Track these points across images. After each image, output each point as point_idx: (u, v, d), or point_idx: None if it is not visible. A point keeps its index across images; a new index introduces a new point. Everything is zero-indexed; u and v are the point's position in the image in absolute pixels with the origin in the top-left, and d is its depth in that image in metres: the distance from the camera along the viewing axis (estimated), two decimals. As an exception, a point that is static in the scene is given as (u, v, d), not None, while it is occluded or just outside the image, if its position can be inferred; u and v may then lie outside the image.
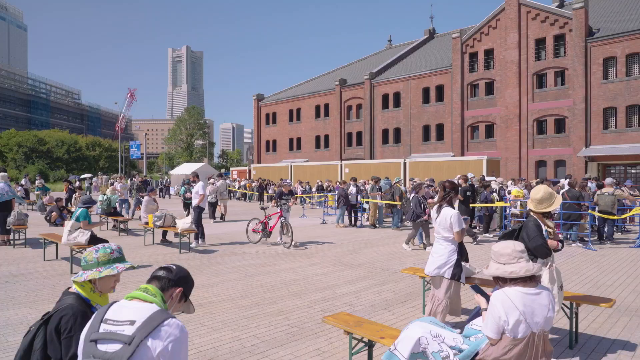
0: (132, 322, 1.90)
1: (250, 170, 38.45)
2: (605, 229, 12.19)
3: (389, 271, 8.24)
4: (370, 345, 3.93)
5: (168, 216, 10.89)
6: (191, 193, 18.38)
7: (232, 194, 34.46)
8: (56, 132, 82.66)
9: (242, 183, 33.82)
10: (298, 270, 8.30)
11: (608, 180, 12.97)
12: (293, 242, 10.89)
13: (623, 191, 13.92)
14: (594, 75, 27.31)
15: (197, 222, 10.90)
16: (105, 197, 14.32)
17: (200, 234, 10.99)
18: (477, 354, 2.80)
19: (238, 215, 20.05)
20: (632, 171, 26.88)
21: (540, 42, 29.78)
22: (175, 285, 2.22)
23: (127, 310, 1.96)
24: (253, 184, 31.26)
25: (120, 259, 2.56)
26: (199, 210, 11.09)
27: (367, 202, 16.71)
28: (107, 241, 6.94)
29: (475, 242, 11.66)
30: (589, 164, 27.51)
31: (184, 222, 10.18)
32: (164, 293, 2.17)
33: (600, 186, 13.18)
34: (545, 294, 2.73)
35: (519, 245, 2.83)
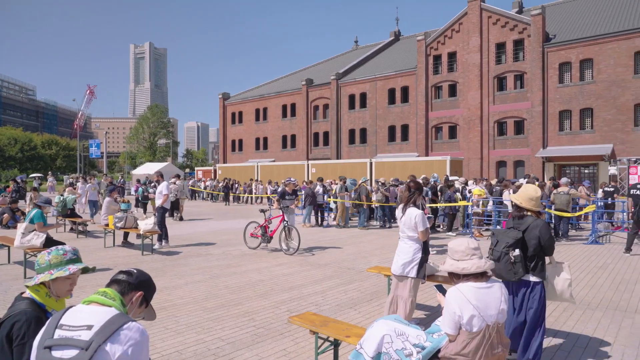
0: (89, 327, 1.83)
1: (215, 170, 37.89)
2: (561, 227, 12.73)
3: (355, 270, 8.31)
4: (336, 344, 3.95)
5: (130, 217, 10.58)
6: (148, 193, 18.03)
7: (197, 194, 33.90)
8: (8, 130, 78.66)
9: (208, 183, 33.30)
10: (264, 270, 8.25)
11: (563, 180, 13.55)
12: (298, 249, 9.93)
13: (579, 190, 14.58)
14: (551, 79, 28.46)
15: (161, 223, 10.64)
16: (61, 197, 13.76)
17: (163, 235, 10.74)
18: (439, 350, 2.86)
19: (201, 216, 19.72)
20: (586, 171, 28.18)
21: (500, 47, 30.77)
22: (135, 289, 2.16)
23: (84, 315, 1.89)
24: (220, 184, 30.82)
25: (74, 260, 2.46)
26: (163, 211, 10.83)
27: (335, 202, 16.79)
28: (64, 244, 6.68)
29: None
30: (546, 164, 28.65)
31: (147, 223, 9.92)
32: (124, 297, 2.10)
33: (556, 186, 13.75)
34: (497, 287, 2.84)
35: (472, 243, 2.93)
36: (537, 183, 14.25)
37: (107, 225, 11.03)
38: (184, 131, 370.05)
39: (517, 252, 3.83)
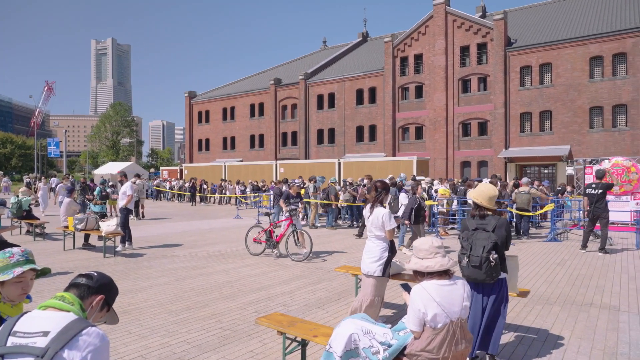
0: (45, 333, 1.75)
1: (181, 170, 37.17)
2: (522, 225, 13.18)
3: (322, 270, 8.32)
4: (303, 344, 3.94)
5: (91, 219, 10.23)
6: (106, 193, 17.51)
7: (162, 195, 33.16)
8: (-41, 127, 74.62)
9: (174, 183, 32.62)
10: (231, 272, 8.14)
11: (524, 179, 14.03)
12: (310, 254, 9.21)
13: (538, 190, 15.14)
14: (512, 82, 29.42)
15: (124, 224, 10.34)
16: (17, 198, 13.15)
17: (127, 236, 10.43)
18: (405, 347, 2.90)
19: (167, 217, 19.31)
20: (545, 171, 29.28)
21: (465, 50, 31.56)
22: (96, 292, 2.08)
23: (40, 321, 1.80)
24: (186, 185, 30.25)
25: (24, 263, 2.34)
26: (126, 211, 10.53)
27: (307, 202, 16.76)
28: (18, 246, 6.39)
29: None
30: (508, 164, 29.59)
31: (109, 224, 9.61)
32: (84, 301, 2.02)
33: (517, 185, 14.21)
34: (460, 284, 2.92)
35: (436, 242, 2.99)
36: (499, 183, 14.69)
37: (66, 227, 10.61)
38: (149, 130, 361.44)
39: (495, 254, 3.87)
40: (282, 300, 6.29)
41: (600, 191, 10.28)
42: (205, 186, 29.56)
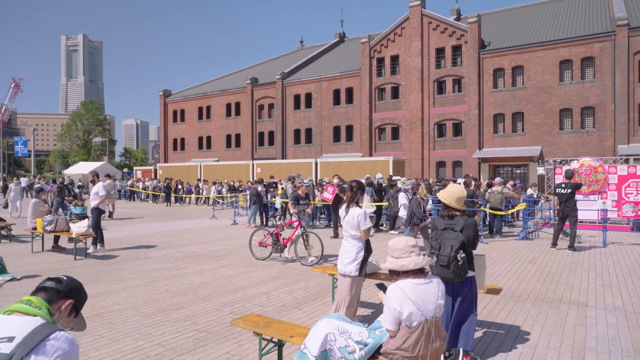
0: (10, 339, 1.69)
1: (156, 170, 36.53)
2: (495, 224, 13.46)
3: (300, 270, 8.31)
4: (280, 345, 3.92)
5: (60, 220, 9.94)
6: (74, 193, 17.09)
7: (136, 195, 32.52)
8: None
9: (147, 183, 32.04)
10: (207, 273, 8.05)
11: (497, 179, 14.33)
12: (321, 259, 8.86)
13: (509, 189, 15.48)
14: (486, 84, 30.02)
15: (96, 225, 10.08)
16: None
17: (98, 238, 10.18)
18: (381, 346, 2.92)
19: (141, 217, 18.95)
20: (517, 171, 29.99)
21: (440, 51, 32.03)
22: (64, 297, 2.02)
23: (5, 326, 1.74)
24: (160, 184, 29.74)
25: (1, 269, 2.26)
26: (98, 212, 10.27)
27: (286, 202, 16.71)
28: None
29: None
30: (482, 164, 30.18)
31: (79, 226, 9.36)
32: (52, 306, 1.96)
33: (490, 185, 14.51)
34: (434, 283, 2.96)
35: (410, 241, 3.03)
36: (474, 183, 14.96)
37: (34, 228, 10.28)
38: (122, 129, 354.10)
39: (462, 254, 3.95)
40: (258, 301, 6.25)
41: (569, 191, 10.59)
42: (180, 186, 29.14)
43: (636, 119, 25.73)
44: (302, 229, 9.16)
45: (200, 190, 28.09)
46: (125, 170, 51.30)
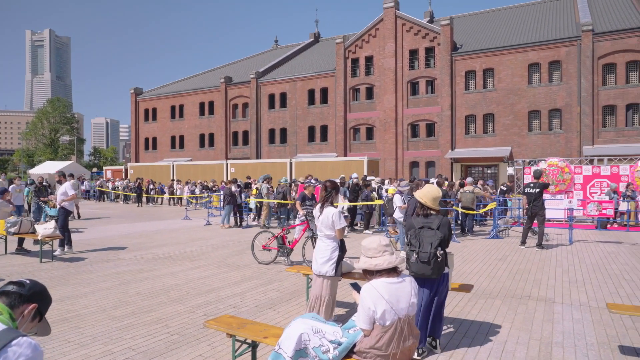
0: (-31, 346, 1.62)
1: (127, 170, 35.73)
2: (467, 223, 13.72)
3: (274, 270, 8.27)
4: (254, 346, 3.89)
5: (25, 221, 9.59)
6: (38, 193, 16.52)
7: (105, 195, 31.73)
8: None
9: (117, 183, 31.28)
10: (179, 274, 7.91)
11: (468, 179, 14.61)
12: None
13: (481, 189, 15.82)
14: (458, 85, 30.59)
15: (63, 226, 9.78)
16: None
17: (66, 239, 9.88)
18: (355, 345, 2.93)
19: (111, 218, 18.50)
20: (488, 171, 30.68)
21: (413, 53, 32.45)
22: (28, 301, 1.95)
23: (-36, 333, 1.66)
24: (131, 184, 29.09)
25: None
26: (65, 213, 9.96)
27: (260, 203, 16.62)
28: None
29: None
30: (454, 164, 30.73)
31: (46, 227, 9.05)
32: (14, 311, 1.89)
33: (462, 185, 14.79)
34: (407, 282, 3.00)
35: (384, 240, 3.06)
36: (447, 183, 15.23)
37: (-2, 230, 9.88)
38: (91, 127, 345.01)
39: (441, 250, 4.12)
40: (232, 302, 6.18)
41: (537, 190, 10.89)
42: (152, 186, 28.59)
43: (600, 121, 26.70)
44: (310, 231, 8.77)
45: (175, 191, 27.62)
46: (95, 170, 49.97)
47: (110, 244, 11.31)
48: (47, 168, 38.86)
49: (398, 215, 10.62)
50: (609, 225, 14.97)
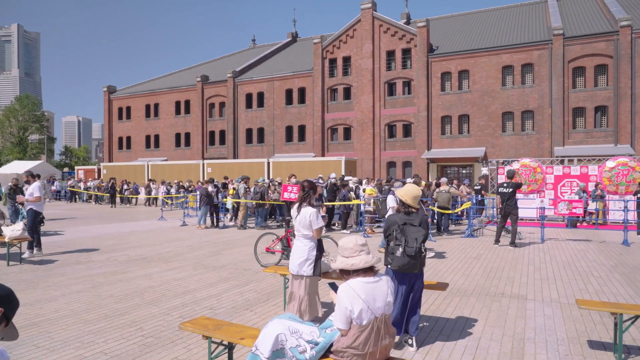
0: None
1: (100, 170, 34.92)
2: (442, 222, 13.92)
3: (251, 271, 8.21)
4: (230, 347, 3.85)
5: (-8, 222, 9.25)
6: (13, 195, 15.97)
7: (77, 196, 30.94)
8: None
9: (90, 184, 30.53)
10: (154, 276, 7.77)
11: (443, 179, 14.83)
12: None
13: (456, 189, 16.07)
14: (434, 87, 31.01)
15: (32, 228, 9.47)
16: None
17: (35, 242, 9.58)
18: (332, 344, 2.93)
19: (83, 219, 18.04)
20: (464, 171, 31.20)
21: (390, 54, 32.73)
22: (-8, 305, 1.87)
23: None
24: (103, 184, 28.43)
25: None
26: (34, 214, 9.66)
27: (237, 203, 16.47)
28: None
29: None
30: (430, 164, 31.14)
31: (13, 229, 8.75)
32: (-22, 315, 1.81)
33: (438, 185, 14.99)
34: (384, 281, 3.02)
35: (360, 240, 3.08)
36: (423, 183, 15.40)
37: (-38, 232, 9.50)
38: (62, 126, 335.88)
39: (425, 246, 4.35)
40: (208, 303, 6.11)
41: (510, 190, 11.13)
42: (126, 187, 28.01)
43: (570, 122, 27.49)
44: None
45: (151, 191, 27.12)
46: (66, 169, 48.65)
47: (81, 246, 11.03)
48: (15, 168, 37.61)
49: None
50: (578, 224, 15.43)
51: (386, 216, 10.63)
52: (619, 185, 15.75)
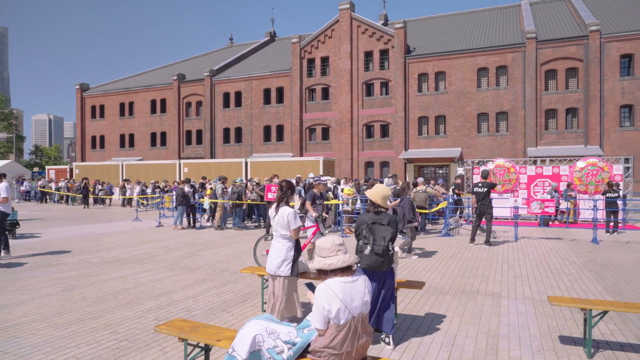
0: None
1: (72, 169, 34.03)
2: (419, 222, 14.07)
3: (229, 272, 8.13)
4: (207, 349, 3.80)
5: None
6: None
7: (48, 196, 30.10)
8: None
9: (61, 184, 29.73)
10: (129, 278, 7.61)
11: (420, 179, 15.00)
12: None
13: (433, 188, 16.28)
14: (411, 87, 31.33)
15: None
16: None
17: (2, 244, 9.27)
18: (309, 344, 2.93)
19: (54, 221, 17.55)
20: (440, 171, 31.63)
21: (368, 55, 32.92)
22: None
23: None
24: (76, 184, 27.73)
25: None
26: (2, 215, 9.34)
27: (215, 203, 16.29)
28: None
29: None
30: (408, 165, 31.46)
31: (-19, 230, 8.45)
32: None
33: (415, 185, 15.15)
34: (361, 280, 3.03)
35: (337, 240, 3.08)
36: (400, 182, 15.52)
37: None
38: (32, 125, 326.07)
39: (392, 245, 4.40)
40: (185, 305, 6.02)
41: (485, 190, 11.34)
42: (100, 187, 27.39)
43: (543, 124, 28.18)
44: (320, 234, 8.30)
45: (126, 191, 26.57)
46: (36, 169, 47.26)
47: (53, 248, 10.72)
48: (-17, 167, 36.31)
49: None
50: (550, 223, 15.83)
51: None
52: (588, 185, 16.23)
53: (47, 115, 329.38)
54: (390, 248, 4.35)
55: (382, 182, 15.05)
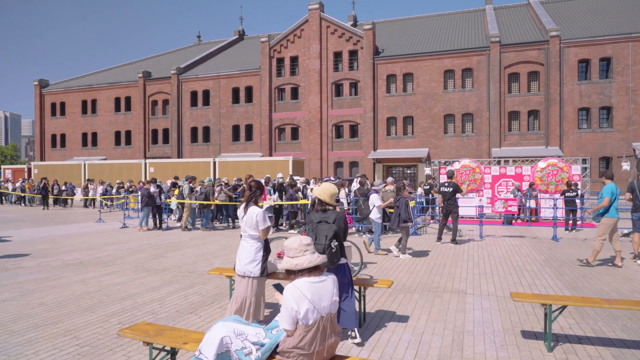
0: None
1: (30, 169, 32.66)
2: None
3: (196, 273, 7.99)
4: (173, 353, 3.71)
5: None
6: None
7: (4, 197, 28.80)
8: None
9: (18, 184, 28.49)
10: (91, 281, 7.36)
11: (389, 179, 15.16)
12: (362, 267, 7.74)
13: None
14: (380, 88, 31.69)
15: (-49, 232, 8.69)
16: None
17: (-45, 247, 8.79)
18: (278, 345, 2.91)
19: (10, 223, 16.80)
20: (408, 171, 32.12)
21: (338, 55, 33.08)
22: None
23: None
24: (34, 184, 26.63)
25: None
26: (-46, 217, 8.86)
27: (182, 204, 15.96)
28: None
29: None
30: (377, 165, 31.80)
31: None
32: None
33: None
34: (330, 280, 3.04)
35: (305, 240, 3.08)
36: (368, 182, 15.65)
37: None
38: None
39: (335, 242, 4.42)
40: (150, 308, 5.87)
41: (451, 189, 11.59)
42: (63, 187, 26.39)
43: (506, 125, 29.06)
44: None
45: (88, 192, 25.69)
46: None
47: (9, 251, 10.25)
48: None
49: (376, 215, 10.11)
50: (513, 221, 16.34)
51: (370, 216, 10.40)
52: (549, 185, 16.84)
53: (3, 112, 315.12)
54: (333, 246, 4.37)
55: (385, 183, 14.49)
